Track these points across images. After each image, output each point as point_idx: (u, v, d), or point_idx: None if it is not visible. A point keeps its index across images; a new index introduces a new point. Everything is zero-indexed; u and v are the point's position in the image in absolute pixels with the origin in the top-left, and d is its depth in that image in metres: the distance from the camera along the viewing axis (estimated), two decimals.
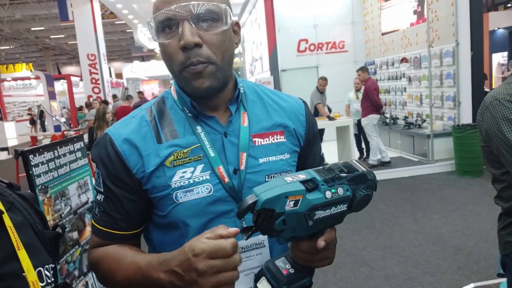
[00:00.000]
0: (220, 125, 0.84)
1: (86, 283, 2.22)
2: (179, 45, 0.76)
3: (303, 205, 0.64)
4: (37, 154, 1.93)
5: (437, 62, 6.41)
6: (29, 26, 20.78)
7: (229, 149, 0.83)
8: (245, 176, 0.82)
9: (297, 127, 0.92)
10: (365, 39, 9.11)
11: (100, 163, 0.83)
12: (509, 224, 1.40)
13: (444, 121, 6.52)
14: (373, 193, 0.73)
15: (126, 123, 0.86)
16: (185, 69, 0.78)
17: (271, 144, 0.87)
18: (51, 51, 29.01)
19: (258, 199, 0.63)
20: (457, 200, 4.74)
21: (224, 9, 0.78)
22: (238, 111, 0.87)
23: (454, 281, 2.95)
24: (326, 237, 0.71)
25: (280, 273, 0.73)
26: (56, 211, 2.02)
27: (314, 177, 0.67)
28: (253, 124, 0.87)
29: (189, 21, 0.76)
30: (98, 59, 10.99)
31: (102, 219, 0.84)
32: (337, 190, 0.67)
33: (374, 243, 3.72)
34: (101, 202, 0.84)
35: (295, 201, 0.64)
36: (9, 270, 0.58)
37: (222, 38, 0.79)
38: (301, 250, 0.72)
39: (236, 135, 0.85)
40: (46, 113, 11.73)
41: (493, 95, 1.35)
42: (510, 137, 1.26)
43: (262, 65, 9.50)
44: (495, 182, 1.44)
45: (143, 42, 19.02)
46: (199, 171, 0.81)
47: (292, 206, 0.64)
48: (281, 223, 0.64)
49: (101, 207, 0.84)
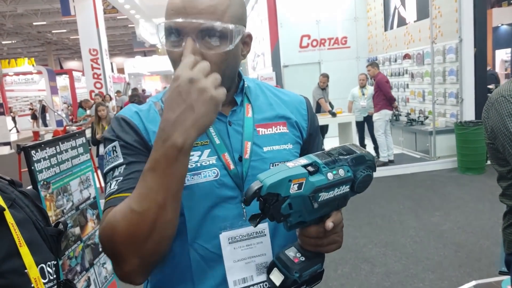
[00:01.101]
0: (223, 115, 0.86)
1: (88, 279, 2.23)
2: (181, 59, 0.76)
3: (307, 188, 0.66)
4: (39, 149, 1.93)
5: (440, 58, 6.39)
6: (31, 20, 20.77)
7: (234, 137, 0.85)
8: (250, 163, 0.84)
9: (299, 120, 0.94)
10: (367, 35, 9.08)
11: (116, 137, 0.81)
12: None
13: (446, 118, 6.50)
14: (373, 173, 0.75)
15: (135, 106, 0.88)
16: None
17: (274, 134, 0.89)
18: (53, 46, 29.02)
19: (263, 184, 0.64)
20: (458, 197, 4.73)
21: (231, 30, 0.77)
22: (243, 103, 0.89)
23: (455, 278, 2.95)
24: (333, 219, 0.73)
25: (291, 262, 0.75)
26: (58, 206, 2.03)
27: (315, 160, 0.69)
28: (256, 115, 0.89)
29: (193, 38, 0.75)
30: (100, 54, 11.00)
31: (125, 185, 0.76)
32: (338, 171, 0.70)
33: (375, 239, 3.72)
34: (122, 171, 0.78)
35: (298, 184, 0.66)
36: (11, 267, 0.58)
37: (225, 57, 0.78)
38: (309, 235, 0.74)
39: (240, 125, 0.86)
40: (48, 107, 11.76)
41: (499, 92, 1.35)
42: None
43: (264, 61, 9.48)
44: (501, 180, 1.43)
45: (145, 37, 19.00)
46: (206, 155, 0.82)
47: (296, 190, 0.66)
48: (287, 207, 0.66)
49: (121, 177, 0.77)
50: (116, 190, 0.76)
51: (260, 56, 10.30)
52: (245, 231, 0.82)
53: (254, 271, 0.82)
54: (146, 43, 21.07)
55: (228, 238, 0.81)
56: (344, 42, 8.89)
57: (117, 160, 0.79)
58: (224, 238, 0.81)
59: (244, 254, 0.82)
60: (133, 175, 0.77)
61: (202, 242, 0.82)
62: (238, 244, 0.82)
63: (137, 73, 25.95)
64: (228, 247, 0.81)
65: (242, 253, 0.82)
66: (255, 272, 0.82)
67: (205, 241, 0.82)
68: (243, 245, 0.82)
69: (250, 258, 0.83)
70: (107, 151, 0.82)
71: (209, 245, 0.81)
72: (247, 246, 0.82)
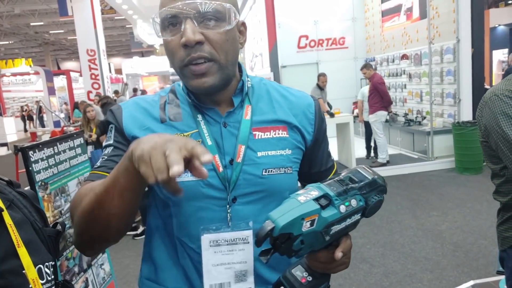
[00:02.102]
0: (219, 115, 0.85)
1: (86, 280, 2.22)
2: (181, 42, 0.76)
3: (320, 224, 0.65)
4: (36, 150, 1.92)
5: (438, 59, 6.40)
6: (29, 21, 20.71)
7: (227, 139, 0.84)
8: (242, 167, 0.82)
9: (304, 124, 0.90)
10: (365, 35, 9.09)
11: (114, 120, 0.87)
12: (507, 219, 1.41)
13: (444, 118, 6.52)
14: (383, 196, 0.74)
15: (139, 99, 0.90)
16: (186, 67, 0.79)
17: (271, 138, 0.86)
18: (50, 46, 28.96)
19: (275, 225, 0.63)
20: (456, 197, 4.75)
21: (228, 8, 0.78)
22: (242, 104, 0.88)
23: (453, 278, 2.96)
24: (343, 248, 0.72)
25: (298, 283, 0.73)
26: (56, 207, 2.02)
27: (326, 192, 0.67)
28: (255, 118, 0.87)
29: (192, 19, 0.76)
30: (97, 54, 10.97)
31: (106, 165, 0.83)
32: (350, 202, 0.68)
33: (374, 239, 3.72)
34: (109, 152, 0.85)
35: (311, 221, 0.64)
36: (9, 268, 0.58)
37: (226, 37, 0.79)
38: (319, 260, 0.72)
39: (236, 127, 0.85)
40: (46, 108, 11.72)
41: (493, 91, 1.37)
42: (508, 131, 1.28)
43: (262, 61, 9.48)
44: (494, 178, 1.46)
45: (143, 37, 18.98)
46: None
47: (309, 227, 0.64)
48: (299, 244, 0.65)
49: (105, 157, 0.85)
50: (98, 167, 0.83)
51: (258, 56, 10.30)
52: (228, 236, 0.81)
53: (232, 278, 0.81)
54: (144, 44, 21.03)
55: (210, 240, 0.80)
56: (342, 42, 8.90)
57: (109, 141, 0.86)
58: (206, 240, 0.80)
59: (224, 259, 0.81)
60: (116, 158, 0.82)
61: (187, 241, 0.83)
62: (219, 248, 0.80)
63: (135, 74, 25.89)
64: (208, 250, 0.80)
65: (222, 258, 0.80)
66: (233, 279, 0.81)
67: (190, 241, 0.82)
68: (225, 250, 0.80)
69: (229, 264, 0.81)
70: (108, 129, 0.88)
71: (194, 245, 0.82)
72: (228, 251, 0.81)
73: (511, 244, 1.39)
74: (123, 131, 0.85)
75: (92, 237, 0.75)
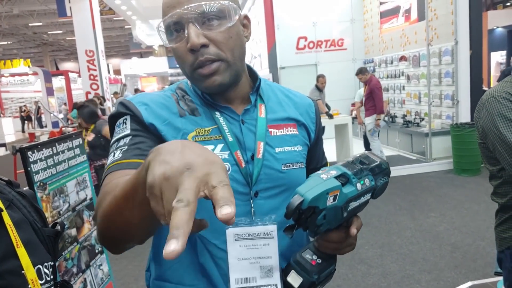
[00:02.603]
0: (235, 113, 0.87)
1: (84, 280, 2.22)
2: (187, 47, 0.78)
3: (341, 199, 0.70)
4: (35, 150, 1.92)
5: (436, 60, 6.42)
6: (27, 21, 20.68)
7: (247, 136, 0.86)
8: (263, 163, 0.85)
9: (308, 122, 0.95)
10: (364, 37, 9.11)
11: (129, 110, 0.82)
12: (505, 221, 1.42)
13: (442, 120, 6.53)
14: None
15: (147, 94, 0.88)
16: (196, 70, 0.80)
17: (285, 135, 0.90)
18: (49, 47, 28.92)
19: (304, 198, 0.67)
20: (454, 198, 4.75)
21: (227, 5, 0.78)
22: (256, 102, 0.90)
23: (451, 279, 2.96)
24: (356, 225, 0.77)
25: (309, 264, 0.78)
26: (55, 208, 2.02)
27: (344, 171, 0.72)
28: (269, 116, 0.90)
29: (194, 22, 0.77)
30: (96, 55, 10.95)
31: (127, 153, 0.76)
32: (365, 181, 0.73)
33: (372, 240, 3.73)
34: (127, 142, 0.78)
35: (334, 196, 0.69)
36: (8, 268, 0.58)
37: (229, 34, 0.80)
38: (331, 240, 0.76)
39: (253, 125, 0.87)
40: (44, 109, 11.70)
41: (490, 93, 1.38)
42: (505, 133, 1.29)
43: (261, 63, 9.48)
44: (492, 179, 1.46)
45: (142, 38, 18.96)
46: (219, 149, 0.83)
47: (332, 201, 0.69)
48: (322, 218, 0.69)
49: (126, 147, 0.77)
50: (122, 157, 0.75)
51: (256, 57, 10.30)
52: (253, 230, 0.81)
53: (258, 273, 0.81)
54: (143, 45, 21.02)
55: (234, 234, 0.80)
56: (341, 44, 8.92)
57: (124, 131, 0.80)
58: (230, 234, 0.80)
59: (249, 254, 0.81)
60: (138, 145, 0.77)
61: (210, 237, 0.83)
62: (244, 242, 0.81)
63: (134, 75, 25.88)
64: (233, 244, 0.80)
65: (247, 252, 0.81)
66: (258, 274, 0.81)
67: (213, 237, 0.82)
68: (249, 244, 0.81)
69: (255, 259, 0.81)
70: (118, 124, 0.83)
71: (217, 241, 0.82)
72: (253, 246, 0.81)
73: (509, 245, 1.40)
74: (142, 119, 0.81)
75: (113, 238, 0.70)
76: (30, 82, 19.71)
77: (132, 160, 0.74)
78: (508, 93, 1.33)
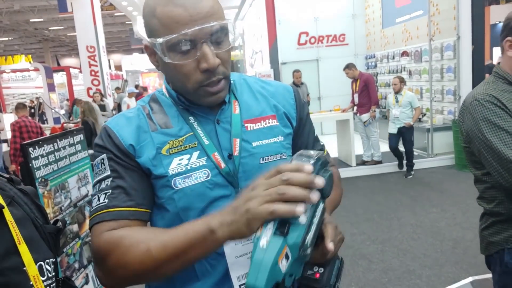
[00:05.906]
0: (212, 113, 0.87)
1: (86, 276, 2.23)
2: (201, 67, 0.77)
3: (294, 251, 0.58)
4: (37, 147, 1.93)
5: (438, 56, 6.39)
6: (28, 17, 20.63)
7: (222, 135, 0.86)
8: (240, 160, 0.85)
9: (288, 110, 0.94)
10: (366, 32, 9.07)
11: (104, 148, 0.83)
12: (492, 224, 1.39)
13: (444, 115, 6.52)
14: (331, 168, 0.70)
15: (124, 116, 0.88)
16: (202, 87, 0.81)
17: (263, 128, 0.89)
18: (50, 42, 28.87)
19: None
20: (456, 194, 4.75)
21: (231, 24, 0.80)
22: (230, 100, 0.90)
23: (452, 275, 2.97)
24: (331, 238, 0.71)
25: (314, 280, 0.73)
26: (56, 204, 2.03)
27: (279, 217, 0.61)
28: (244, 111, 0.90)
29: (207, 42, 0.76)
30: (97, 51, 10.93)
31: (114, 199, 0.78)
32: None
33: (373, 236, 3.73)
34: (109, 184, 0.79)
35: (285, 255, 0.58)
36: (10, 265, 0.58)
37: (229, 52, 0.83)
38: (315, 258, 0.73)
39: (228, 122, 0.87)
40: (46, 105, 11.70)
41: (473, 96, 1.33)
42: (491, 139, 1.24)
43: (262, 58, 9.46)
44: (477, 183, 1.43)
45: (143, 34, 18.90)
46: (195, 157, 0.83)
47: (286, 262, 0.58)
48: (290, 279, 0.61)
49: (110, 190, 0.79)
50: (106, 205, 0.77)
51: (258, 53, 10.28)
52: None
53: None
54: (144, 40, 20.97)
55: None
56: (342, 39, 8.88)
57: (104, 173, 0.81)
58: None
59: (245, 249, 0.83)
60: (121, 188, 0.79)
61: None
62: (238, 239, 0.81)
63: (135, 70, 25.83)
64: (229, 244, 0.80)
65: (243, 248, 0.83)
66: None
67: None
68: (244, 240, 0.82)
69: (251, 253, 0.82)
70: (95, 163, 0.84)
71: None
72: (247, 240, 0.83)
73: (498, 249, 1.37)
74: (121, 145, 0.81)
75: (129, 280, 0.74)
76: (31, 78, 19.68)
77: (122, 209, 0.77)
78: (492, 96, 1.27)
